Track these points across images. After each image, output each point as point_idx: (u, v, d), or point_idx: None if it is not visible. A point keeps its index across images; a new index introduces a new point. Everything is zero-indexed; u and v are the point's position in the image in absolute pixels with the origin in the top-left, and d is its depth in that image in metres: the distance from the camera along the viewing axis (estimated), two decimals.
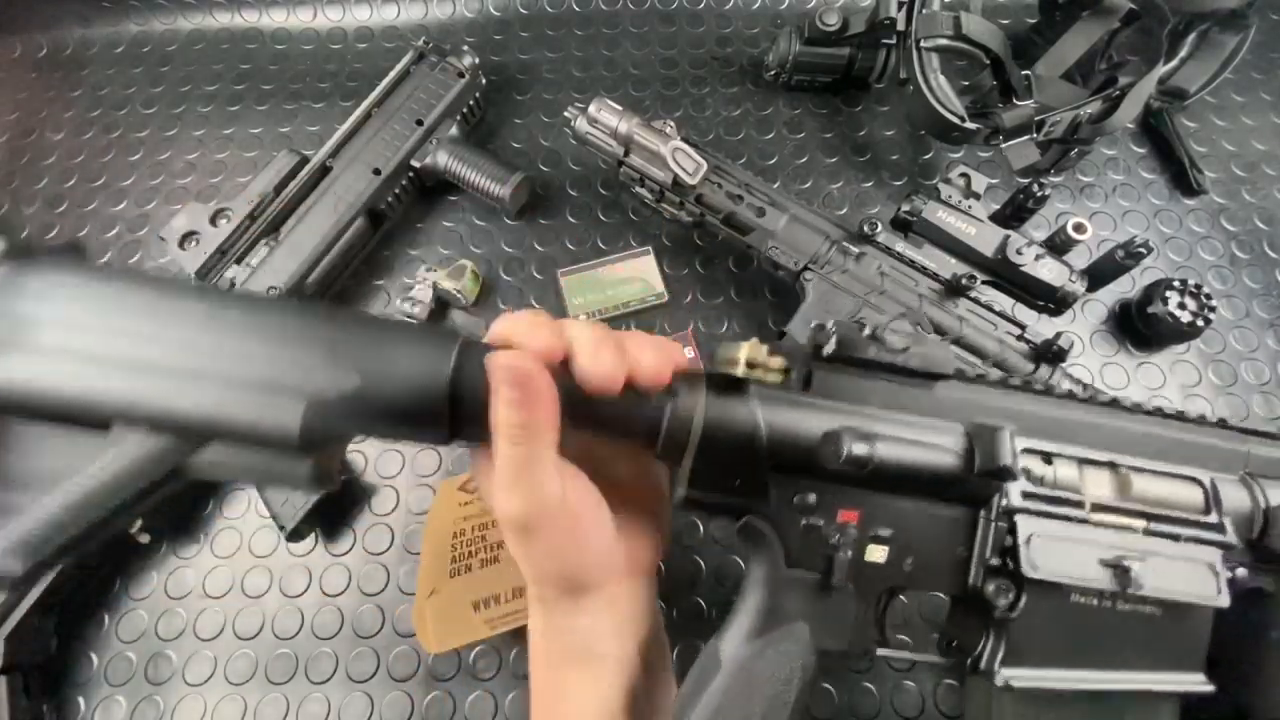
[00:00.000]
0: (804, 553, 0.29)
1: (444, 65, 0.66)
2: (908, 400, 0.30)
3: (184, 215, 0.59)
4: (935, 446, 0.29)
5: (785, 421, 0.28)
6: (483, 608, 0.43)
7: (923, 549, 0.30)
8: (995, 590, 0.29)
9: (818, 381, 0.30)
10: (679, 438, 0.28)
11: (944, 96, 0.60)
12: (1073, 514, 0.29)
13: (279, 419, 0.22)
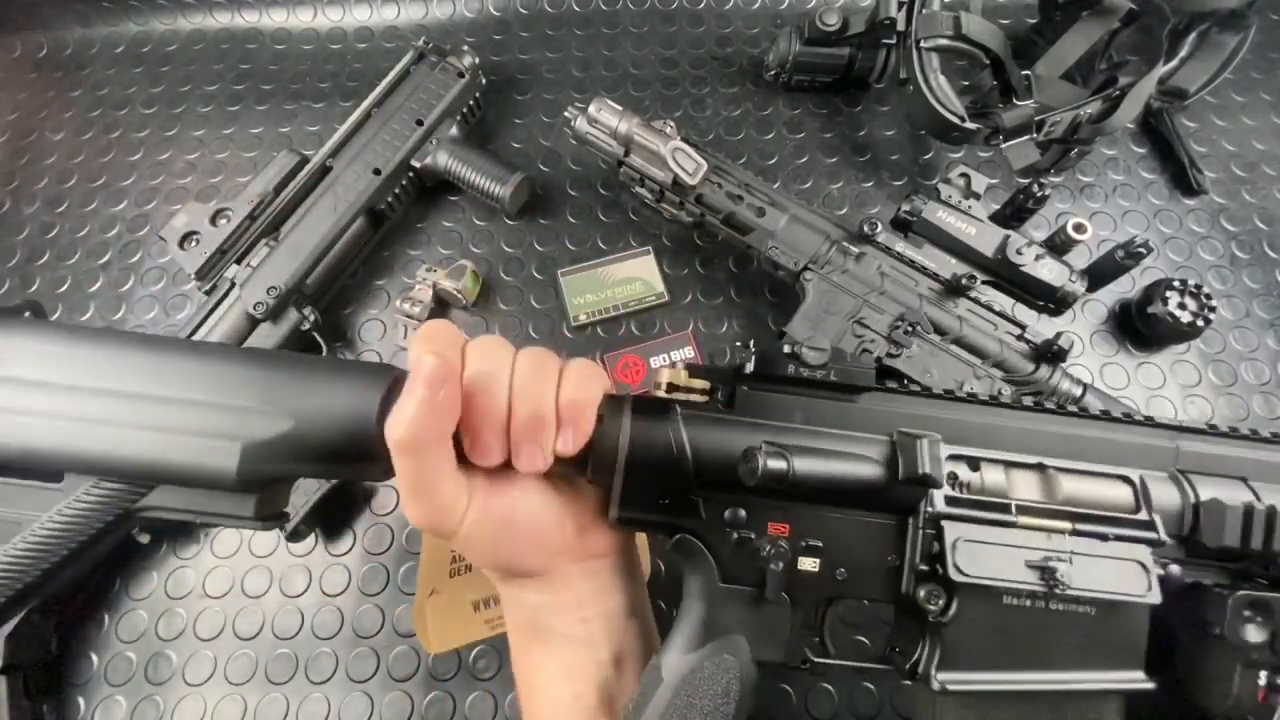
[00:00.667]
0: (737, 566, 0.30)
1: (444, 65, 0.66)
2: (831, 414, 0.31)
3: (184, 215, 0.59)
4: (856, 457, 0.29)
5: (708, 440, 0.30)
6: (483, 608, 0.43)
7: (854, 558, 0.31)
8: (926, 595, 0.29)
9: (741, 400, 0.31)
10: (607, 460, 0.29)
11: (944, 96, 0.60)
12: (999, 518, 0.29)
13: (217, 463, 0.23)
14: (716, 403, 0.31)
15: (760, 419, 0.30)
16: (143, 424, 0.23)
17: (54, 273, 0.68)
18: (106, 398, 0.23)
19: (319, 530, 0.57)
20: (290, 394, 0.25)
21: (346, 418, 0.25)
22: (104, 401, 0.23)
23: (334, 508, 0.56)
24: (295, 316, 0.58)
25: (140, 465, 0.23)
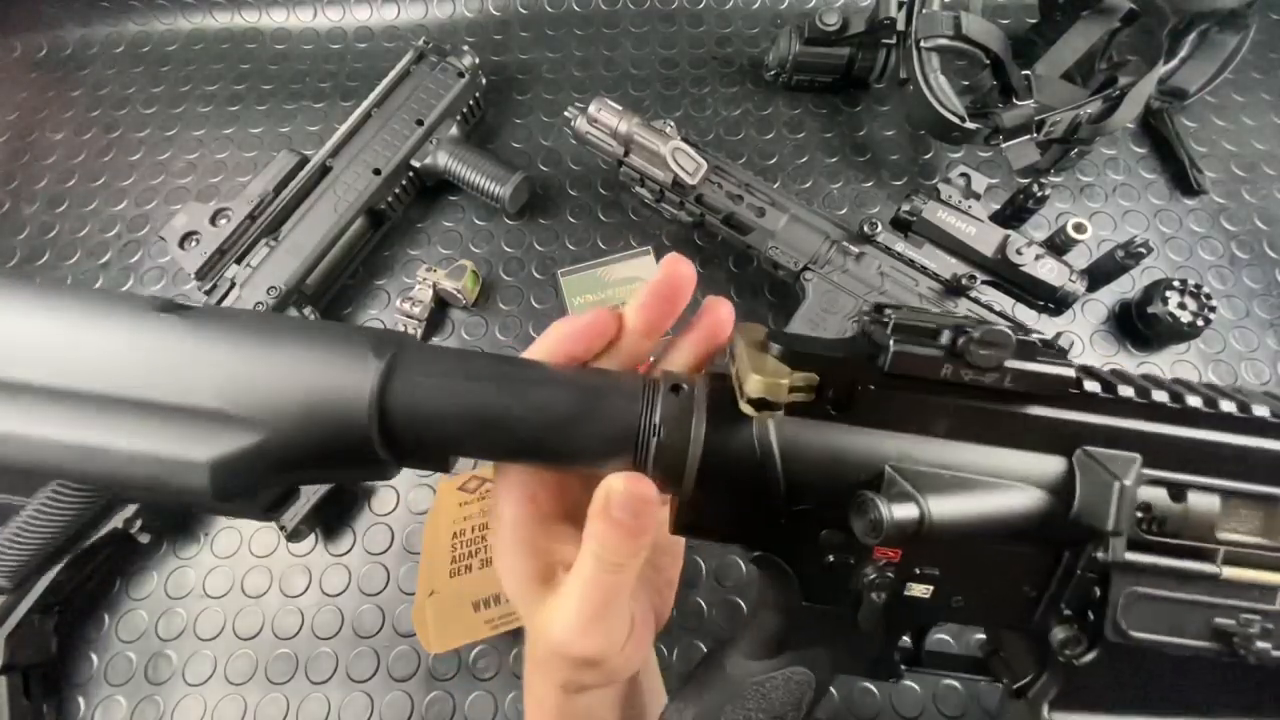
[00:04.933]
0: (826, 590, 0.25)
1: (444, 65, 0.66)
2: (989, 423, 0.23)
3: (184, 215, 0.59)
4: (1016, 490, 0.22)
5: (809, 457, 0.22)
6: (483, 608, 0.43)
7: (978, 589, 0.24)
8: (1064, 640, 0.24)
9: (862, 401, 0.22)
10: (673, 466, 0.22)
11: (944, 96, 0.60)
12: (1195, 570, 0.23)
13: (187, 481, 0.19)
14: (826, 403, 0.22)
15: (887, 429, 0.23)
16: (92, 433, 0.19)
17: (54, 273, 0.68)
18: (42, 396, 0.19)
19: (319, 530, 0.57)
20: (265, 388, 0.20)
21: (335, 413, 0.20)
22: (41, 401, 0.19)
23: (334, 508, 0.56)
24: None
25: (102, 480, 0.19)
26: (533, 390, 0.22)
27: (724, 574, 0.54)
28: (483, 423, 0.21)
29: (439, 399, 0.21)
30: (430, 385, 0.21)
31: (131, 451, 0.19)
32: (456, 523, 0.48)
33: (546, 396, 0.22)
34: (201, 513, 0.23)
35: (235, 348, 0.20)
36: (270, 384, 0.20)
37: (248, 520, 0.57)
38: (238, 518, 0.22)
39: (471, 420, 0.21)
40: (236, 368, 0.20)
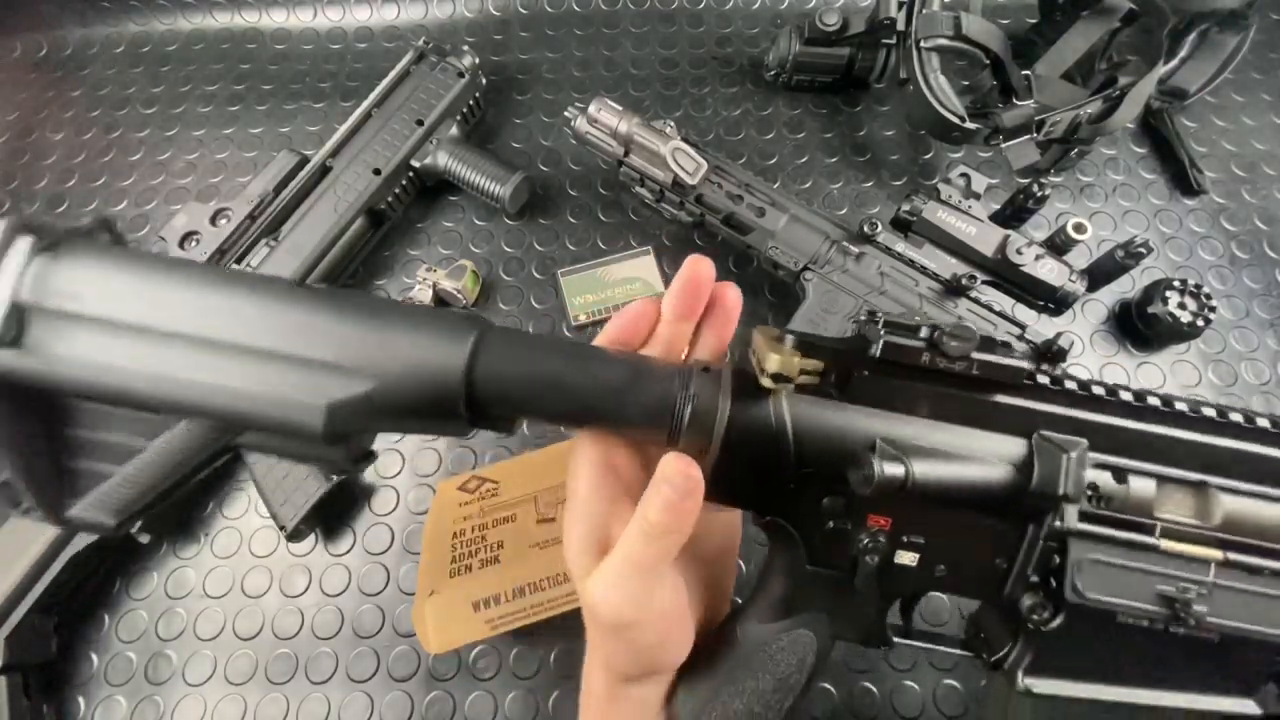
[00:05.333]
0: (827, 554, 0.28)
1: (444, 65, 0.66)
2: (962, 408, 0.27)
3: (184, 215, 0.59)
4: (984, 462, 0.26)
5: (815, 426, 0.27)
6: (483, 608, 0.43)
7: (956, 557, 0.28)
8: (1032, 606, 0.27)
9: (857, 385, 0.27)
10: (701, 435, 0.26)
11: (944, 96, 0.60)
12: (1137, 539, 0.27)
13: (303, 419, 0.23)
14: (829, 385, 0.27)
15: (878, 408, 0.27)
16: (230, 377, 0.23)
17: None
18: (192, 345, 0.23)
19: (319, 530, 0.57)
20: (376, 350, 0.24)
21: (432, 376, 0.24)
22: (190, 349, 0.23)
23: (334, 508, 0.56)
24: None
25: (230, 417, 0.23)
26: (591, 364, 0.27)
27: None
28: (549, 388, 0.26)
29: (516, 371, 0.26)
30: (510, 359, 0.26)
31: (266, 393, 0.23)
32: (456, 523, 0.48)
33: (602, 370, 0.26)
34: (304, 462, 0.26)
35: (355, 316, 0.24)
36: (380, 348, 0.24)
37: (247, 521, 0.57)
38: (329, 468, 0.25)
39: (541, 387, 0.26)
40: (353, 332, 0.24)
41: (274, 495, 0.54)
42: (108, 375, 0.23)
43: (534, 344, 0.27)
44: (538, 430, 0.60)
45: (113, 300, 0.23)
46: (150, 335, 0.23)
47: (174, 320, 0.23)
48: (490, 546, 0.46)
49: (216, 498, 0.58)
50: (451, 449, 0.59)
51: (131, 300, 0.23)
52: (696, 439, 0.26)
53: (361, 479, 0.59)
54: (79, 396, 0.25)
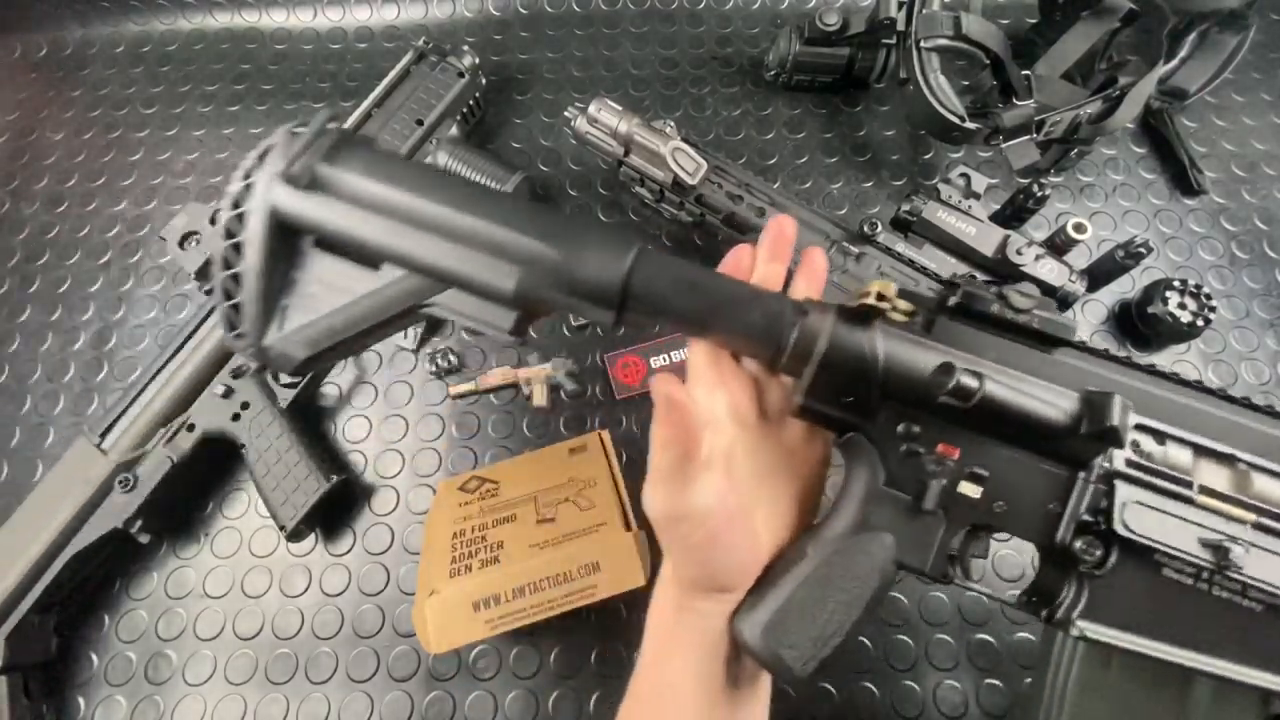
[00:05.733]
0: (901, 475, 0.31)
1: (444, 65, 0.66)
2: (1024, 360, 0.31)
3: (184, 215, 0.58)
4: (1044, 400, 0.29)
5: (902, 355, 0.30)
6: (483, 608, 0.43)
7: (1016, 495, 0.31)
8: (1083, 546, 0.29)
9: (939, 329, 0.31)
10: (804, 350, 0.30)
11: (944, 96, 0.60)
12: (1177, 490, 0.29)
13: (502, 281, 0.30)
14: (916, 326, 0.31)
15: (955, 349, 0.31)
16: (452, 240, 0.30)
17: (54, 273, 0.68)
18: (429, 217, 0.30)
19: (319, 530, 0.57)
20: (563, 242, 0.30)
21: (601, 269, 0.30)
22: (428, 220, 0.30)
23: (334, 508, 0.57)
24: None
25: (444, 270, 0.30)
26: (719, 280, 0.32)
27: None
28: (685, 295, 0.31)
29: (663, 278, 0.31)
30: (659, 269, 0.31)
31: (483, 259, 0.30)
32: (456, 523, 0.48)
33: (727, 285, 0.32)
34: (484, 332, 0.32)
35: (549, 222, 0.31)
36: (571, 244, 0.30)
37: (247, 521, 0.57)
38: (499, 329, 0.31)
39: (678, 293, 0.31)
40: (550, 226, 0.31)
41: (274, 495, 0.54)
42: (368, 228, 0.30)
43: (677, 262, 0.32)
44: (538, 430, 0.60)
45: (387, 174, 0.31)
46: (410, 203, 0.30)
47: (433, 196, 0.30)
48: (490, 546, 0.46)
49: (216, 498, 0.58)
50: (452, 449, 0.59)
51: (401, 176, 0.31)
52: (797, 356, 0.31)
53: (361, 479, 0.59)
54: (337, 243, 0.31)
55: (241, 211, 0.30)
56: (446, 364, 0.61)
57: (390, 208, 0.30)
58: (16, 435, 0.61)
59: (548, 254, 0.30)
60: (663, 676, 0.33)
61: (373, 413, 0.61)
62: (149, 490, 0.53)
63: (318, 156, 0.30)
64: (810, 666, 0.30)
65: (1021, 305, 0.31)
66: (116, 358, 0.64)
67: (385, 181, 0.30)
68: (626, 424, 0.60)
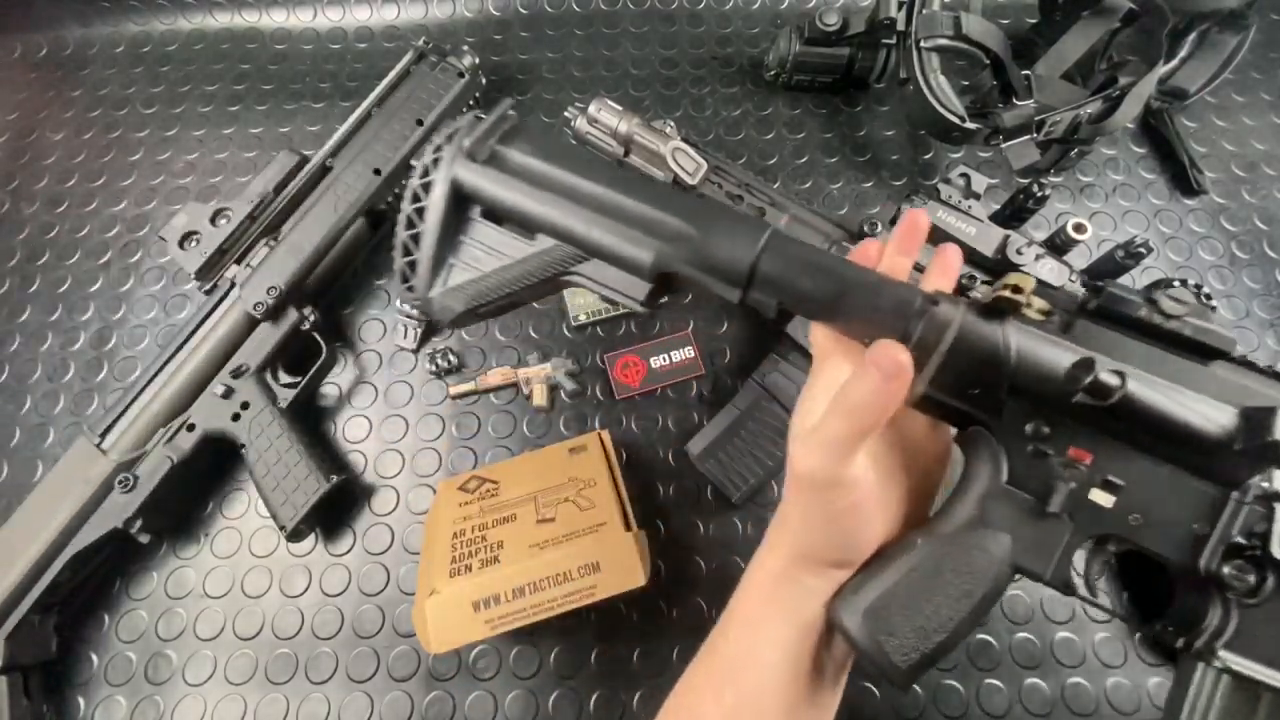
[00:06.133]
0: (1026, 475, 0.30)
1: (444, 65, 0.66)
2: (1173, 370, 0.28)
3: (184, 215, 0.59)
4: (1194, 409, 0.27)
5: (1037, 350, 0.29)
6: (483, 608, 0.43)
7: (1155, 509, 0.28)
8: (1234, 571, 0.26)
9: (1079, 330, 0.29)
10: (931, 339, 0.29)
11: (944, 96, 0.60)
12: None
13: (641, 254, 0.33)
14: (1053, 325, 0.29)
15: (1099, 350, 0.29)
16: (601, 215, 0.34)
17: (54, 273, 0.68)
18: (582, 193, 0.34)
19: (319, 530, 0.57)
20: (699, 224, 0.33)
21: (732, 251, 0.32)
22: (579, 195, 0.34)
23: (334, 508, 0.57)
24: (295, 316, 0.58)
25: (592, 242, 0.34)
26: (848, 267, 0.32)
27: (725, 574, 0.54)
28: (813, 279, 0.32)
29: (791, 262, 0.32)
30: (787, 254, 0.32)
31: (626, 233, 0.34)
32: (456, 523, 0.48)
33: (857, 272, 0.31)
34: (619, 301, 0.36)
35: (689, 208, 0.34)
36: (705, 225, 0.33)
37: (247, 521, 0.57)
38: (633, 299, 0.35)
39: (806, 275, 0.32)
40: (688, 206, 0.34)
41: (274, 495, 0.54)
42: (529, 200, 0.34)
43: (807, 247, 0.33)
44: (538, 430, 0.60)
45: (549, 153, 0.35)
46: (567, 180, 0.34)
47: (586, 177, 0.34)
48: (490, 546, 0.46)
49: (216, 498, 0.58)
50: (452, 449, 0.60)
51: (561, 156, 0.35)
52: (923, 346, 0.30)
53: (361, 479, 0.59)
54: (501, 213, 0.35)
55: (428, 180, 0.35)
56: (446, 364, 0.61)
57: (550, 184, 0.34)
58: (16, 435, 0.61)
59: (685, 231, 0.33)
60: (749, 642, 0.32)
61: (373, 413, 0.61)
62: (149, 490, 0.53)
63: (496, 138, 0.35)
64: (911, 659, 0.29)
65: (1172, 311, 0.28)
66: (116, 358, 0.64)
67: (547, 161, 0.35)
68: (626, 424, 0.60)
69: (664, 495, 0.57)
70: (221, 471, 0.59)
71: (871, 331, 0.31)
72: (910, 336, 0.30)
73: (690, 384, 0.61)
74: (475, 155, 0.35)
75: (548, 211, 0.34)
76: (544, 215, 0.34)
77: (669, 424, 0.60)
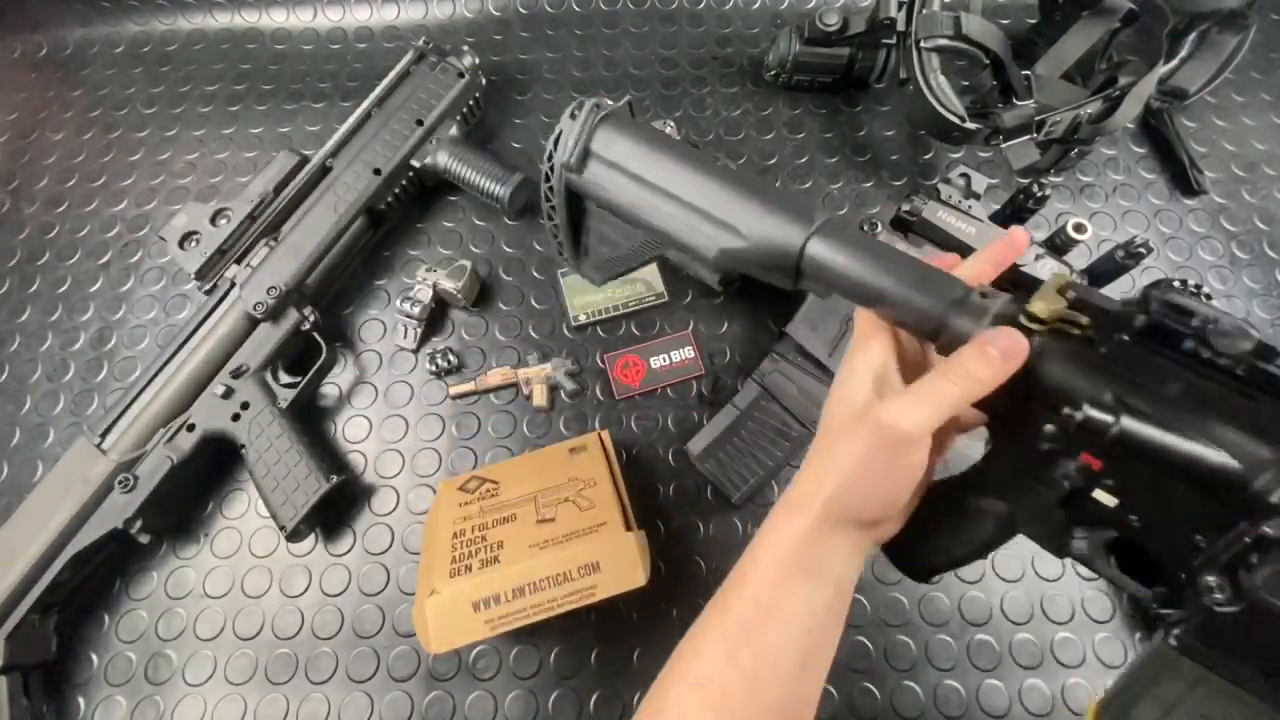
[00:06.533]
0: (1037, 467, 0.31)
1: (444, 65, 0.66)
2: (1223, 406, 0.26)
3: (184, 215, 0.59)
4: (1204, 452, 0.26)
5: (1054, 369, 0.29)
6: (483, 608, 0.43)
7: (1156, 519, 0.28)
8: (1211, 584, 0.26)
9: (1115, 348, 0.28)
10: (958, 338, 0.31)
11: (944, 96, 0.60)
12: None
13: (705, 251, 0.40)
14: (1089, 338, 0.29)
15: (1129, 374, 0.28)
16: (674, 213, 0.41)
17: (54, 273, 0.68)
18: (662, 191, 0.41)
19: (319, 530, 0.57)
20: (753, 220, 0.38)
21: (782, 245, 0.37)
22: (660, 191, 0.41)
23: (334, 508, 0.57)
24: (295, 316, 0.58)
25: (666, 239, 0.42)
26: (895, 260, 0.34)
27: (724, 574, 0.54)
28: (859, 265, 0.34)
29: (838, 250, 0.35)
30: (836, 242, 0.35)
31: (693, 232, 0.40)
32: (456, 523, 0.48)
33: (903, 265, 0.34)
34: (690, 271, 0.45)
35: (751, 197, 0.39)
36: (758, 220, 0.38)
37: (247, 521, 0.57)
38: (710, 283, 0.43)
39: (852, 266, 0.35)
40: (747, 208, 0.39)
41: (274, 495, 0.54)
42: (617, 199, 0.43)
43: (856, 237, 0.36)
44: (538, 430, 0.60)
45: (628, 157, 0.42)
46: (643, 181, 0.42)
47: (657, 177, 0.41)
48: (490, 546, 0.46)
49: (216, 498, 0.58)
50: (452, 449, 0.60)
51: (638, 159, 0.42)
52: (948, 343, 0.31)
53: (361, 479, 0.59)
54: (600, 206, 0.45)
55: (551, 184, 0.45)
56: (446, 364, 0.61)
57: (630, 187, 0.42)
58: (16, 435, 0.61)
59: (739, 235, 0.38)
60: (770, 600, 0.34)
61: (373, 413, 0.61)
62: (149, 490, 0.53)
63: (588, 138, 0.42)
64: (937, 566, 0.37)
65: (1226, 350, 0.26)
66: (116, 358, 0.64)
67: (628, 163, 0.42)
68: (626, 424, 0.60)
69: (664, 495, 0.57)
70: (221, 471, 0.59)
71: (908, 321, 0.33)
72: (940, 331, 0.32)
73: (690, 384, 0.61)
74: (570, 166, 0.43)
75: (631, 213, 0.43)
76: (630, 215, 0.43)
77: (669, 424, 0.60)
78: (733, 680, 0.33)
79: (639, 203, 0.42)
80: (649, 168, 0.41)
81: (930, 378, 0.31)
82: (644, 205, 0.41)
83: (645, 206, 0.41)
